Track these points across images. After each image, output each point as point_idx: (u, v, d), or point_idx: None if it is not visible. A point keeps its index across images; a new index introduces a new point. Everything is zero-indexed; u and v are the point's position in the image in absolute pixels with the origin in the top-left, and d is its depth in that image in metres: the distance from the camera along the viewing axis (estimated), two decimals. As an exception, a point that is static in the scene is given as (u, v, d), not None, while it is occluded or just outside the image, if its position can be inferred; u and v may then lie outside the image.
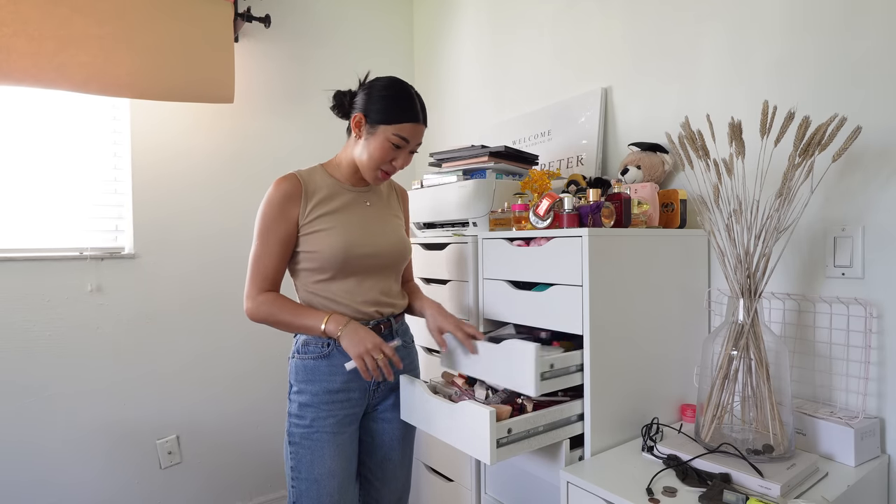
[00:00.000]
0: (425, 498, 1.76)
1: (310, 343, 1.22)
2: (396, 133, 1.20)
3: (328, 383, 1.21)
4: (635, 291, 1.25)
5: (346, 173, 1.29)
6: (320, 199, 1.23)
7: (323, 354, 1.21)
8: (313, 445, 1.20)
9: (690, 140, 1.16)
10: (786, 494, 0.96)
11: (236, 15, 1.97)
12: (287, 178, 1.22)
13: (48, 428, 1.77)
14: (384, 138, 1.21)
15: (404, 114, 1.21)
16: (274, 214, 1.20)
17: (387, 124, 1.20)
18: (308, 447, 1.20)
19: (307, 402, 1.21)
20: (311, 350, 1.22)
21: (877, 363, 1.15)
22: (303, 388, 1.22)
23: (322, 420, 1.21)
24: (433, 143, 2.50)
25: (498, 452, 1.08)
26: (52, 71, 1.62)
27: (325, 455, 1.20)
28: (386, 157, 1.22)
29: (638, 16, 1.60)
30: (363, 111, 1.22)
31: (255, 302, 1.19)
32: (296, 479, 1.21)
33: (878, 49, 1.13)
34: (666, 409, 1.33)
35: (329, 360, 1.21)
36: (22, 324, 1.73)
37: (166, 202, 1.98)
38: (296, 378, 1.23)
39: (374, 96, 1.22)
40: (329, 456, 1.20)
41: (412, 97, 1.23)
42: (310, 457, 1.20)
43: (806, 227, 1.24)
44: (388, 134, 1.20)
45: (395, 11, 2.56)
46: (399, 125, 1.20)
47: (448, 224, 1.68)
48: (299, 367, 1.23)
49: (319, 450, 1.20)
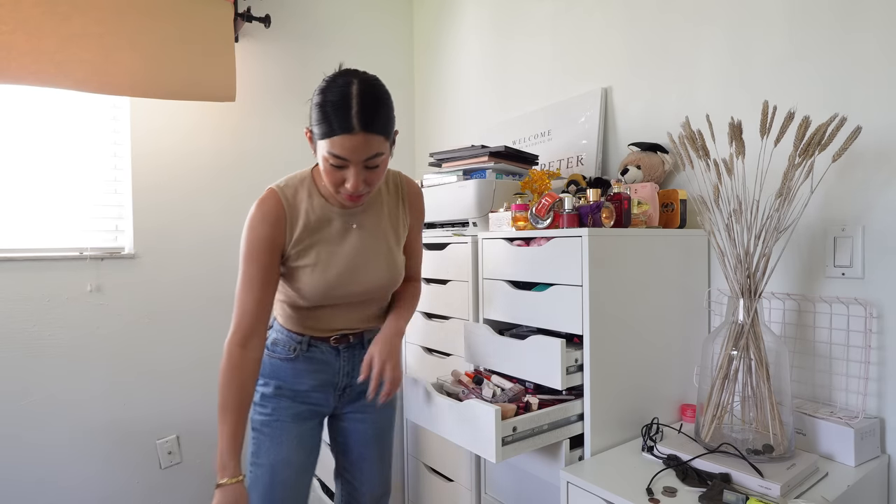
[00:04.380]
0: (425, 498, 1.76)
1: (278, 344, 1.20)
2: (327, 149, 1.00)
3: (292, 384, 1.20)
4: (635, 291, 1.25)
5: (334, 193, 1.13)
6: (305, 227, 1.11)
7: (289, 358, 1.19)
8: (273, 433, 1.18)
9: (690, 140, 1.16)
10: (786, 494, 0.96)
11: (236, 15, 1.97)
12: (269, 200, 1.09)
13: (48, 428, 1.77)
14: (322, 157, 1.02)
15: (332, 125, 0.98)
16: (258, 242, 1.08)
17: (321, 139, 1.00)
18: (268, 434, 1.18)
19: (271, 394, 1.19)
20: (279, 351, 1.20)
21: (877, 363, 1.15)
22: (268, 381, 1.20)
23: (284, 410, 1.19)
24: (433, 143, 2.50)
25: (503, 451, 1.08)
26: (52, 69, 1.62)
27: (283, 443, 1.18)
28: (332, 179, 1.04)
29: (638, 16, 1.60)
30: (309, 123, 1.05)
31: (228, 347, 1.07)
32: (253, 465, 1.19)
33: (879, 49, 1.13)
34: (666, 409, 1.33)
35: (293, 364, 1.19)
36: (22, 324, 1.73)
37: (166, 202, 1.98)
38: (262, 371, 1.19)
39: (311, 105, 1.03)
40: (287, 444, 1.18)
41: (345, 100, 0.97)
42: (269, 443, 1.18)
43: (806, 227, 1.24)
44: (324, 153, 1.01)
45: (395, 11, 2.56)
46: (329, 140, 0.99)
47: (448, 224, 1.68)
48: (266, 363, 1.20)
49: (278, 437, 1.18)
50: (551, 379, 1.17)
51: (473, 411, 1.12)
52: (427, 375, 1.68)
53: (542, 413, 1.15)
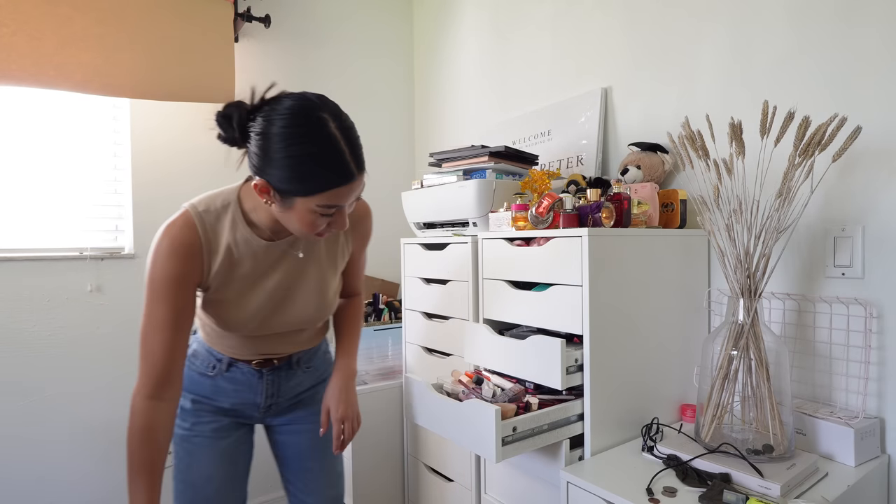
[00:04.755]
0: (425, 498, 1.76)
1: (198, 357, 1.11)
2: (322, 204, 0.88)
3: (212, 399, 1.13)
4: (635, 291, 1.25)
5: (264, 223, 0.98)
6: (225, 262, 0.97)
7: (208, 374, 1.11)
8: (192, 449, 1.11)
9: (690, 140, 1.17)
10: (786, 494, 0.96)
11: (236, 15, 1.97)
12: (184, 229, 0.93)
13: (48, 427, 1.78)
14: (306, 210, 0.88)
15: (328, 179, 0.86)
16: (169, 281, 0.91)
17: (308, 195, 0.86)
18: (187, 450, 1.11)
19: (189, 408, 1.12)
20: (198, 365, 1.11)
21: (877, 363, 1.15)
22: (185, 393, 1.12)
23: (203, 425, 1.12)
24: (433, 143, 2.50)
25: (503, 451, 1.09)
26: (52, 70, 1.63)
27: (202, 460, 1.11)
28: (316, 227, 0.91)
29: (638, 16, 1.60)
30: (267, 177, 0.86)
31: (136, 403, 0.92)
32: (175, 479, 1.13)
33: (879, 49, 1.13)
34: (666, 409, 1.33)
35: (213, 381, 1.11)
36: (22, 323, 1.73)
37: (166, 202, 1.98)
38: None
39: (277, 157, 0.84)
40: (207, 461, 1.11)
41: (333, 147, 0.85)
42: (188, 460, 1.11)
43: (806, 227, 1.24)
44: (311, 206, 0.88)
45: (395, 11, 2.56)
46: (322, 194, 0.87)
47: (448, 224, 1.68)
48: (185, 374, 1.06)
49: (197, 454, 1.11)
50: (551, 379, 1.17)
51: (473, 411, 1.12)
52: (427, 375, 1.68)
53: (542, 413, 1.15)
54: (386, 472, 1.87)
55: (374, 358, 2.00)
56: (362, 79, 2.46)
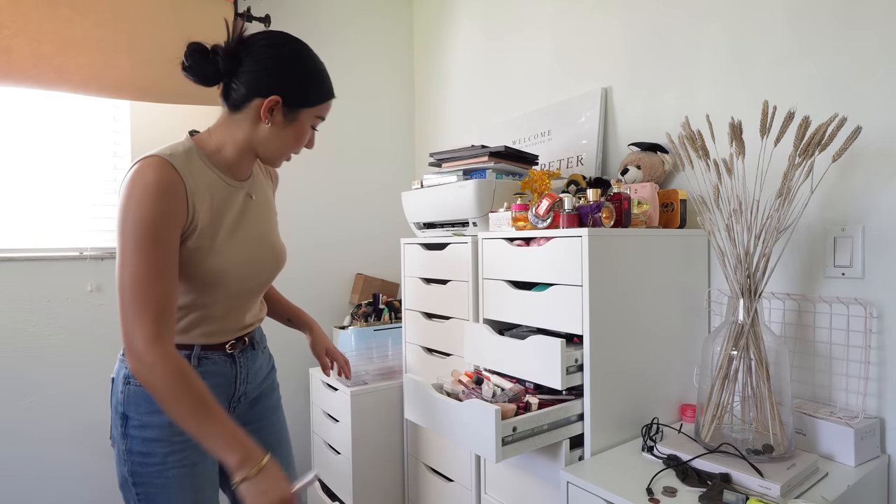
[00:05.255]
0: (425, 498, 1.76)
1: None
2: (319, 115, 1.03)
3: None
4: (635, 291, 1.25)
5: (231, 162, 1.01)
6: (204, 203, 0.95)
7: None
8: (169, 483, 0.97)
9: (690, 140, 1.17)
10: (786, 494, 0.96)
11: (236, 15, 1.97)
12: (162, 169, 0.90)
13: (49, 427, 1.78)
14: (306, 123, 1.01)
15: (326, 90, 1.02)
16: (162, 219, 0.88)
17: (310, 107, 1.00)
18: (162, 486, 0.97)
19: (155, 437, 0.96)
20: None
21: (877, 363, 1.15)
22: (147, 420, 0.97)
23: (177, 454, 0.98)
24: (433, 143, 2.50)
25: (503, 451, 1.09)
26: (52, 72, 1.63)
27: (184, 490, 0.98)
28: (304, 140, 1.04)
29: (638, 16, 1.60)
30: (279, 93, 0.95)
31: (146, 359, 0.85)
32: None
33: (879, 49, 1.14)
34: (666, 409, 1.33)
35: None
36: (22, 323, 1.74)
37: (166, 202, 1.98)
38: (136, 410, 0.97)
39: (287, 71, 0.97)
40: (189, 489, 0.99)
41: (323, 67, 1.04)
42: (166, 496, 0.97)
43: (806, 227, 1.24)
44: (311, 117, 1.02)
45: (394, 11, 2.56)
46: (322, 105, 1.02)
47: (448, 224, 1.68)
48: (140, 395, 0.96)
49: (177, 487, 0.98)
50: (551, 379, 1.17)
51: (473, 411, 1.12)
52: (427, 375, 1.68)
53: (542, 413, 1.15)
54: (386, 472, 1.87)
55: (374, 358, 2.00)
56: (363, 79, 2.46)
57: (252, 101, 0.96)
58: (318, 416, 2.03)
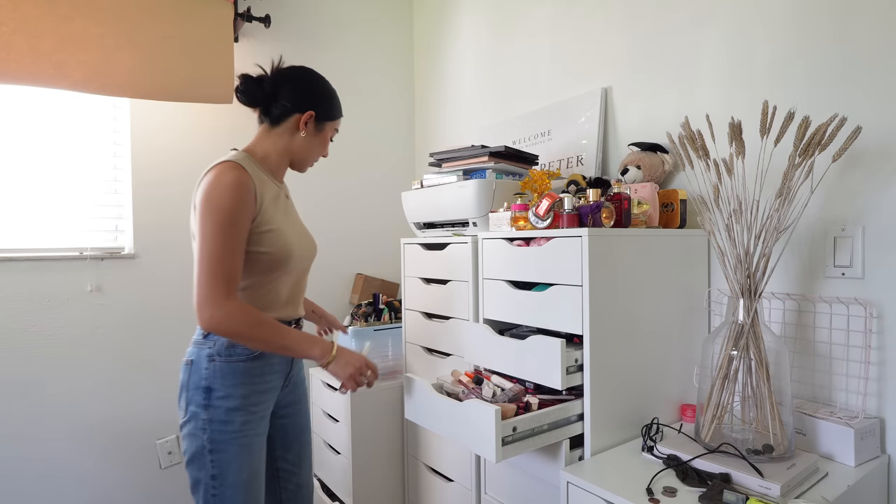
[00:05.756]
0: (425, 498, 1.76)
1: (237, 345, 1.15)
2: (336, 128, 1.33)
3: (258, 384, 1.18)
4: (635, 291, 1.25)
5: (273, 167, 1.25)
6: (265, 196, 1.18)
7: (254, 355, 1.17)
8: (241, 450, 1.14)
9: (690, 140, 1.17)
10: (786, 494, 0.96)
11: (236, 15, 1.97)
12: (238, 171, 1.12)
13: (48, 428, 1.78)
14: (328, 133, 1.31)
15: (340, 108, 1.33)
16: (239, 206, 1.10)
17: (332, 121, 1.30)
18: (236, 452, 1.14)
19: (236, 407, 1.15)
20: (240, 351, 1.16)
21: (877, 363, 1.15)
22: (230, 392, 1.15)
23: (252, 423, 1.17)
24: (433, 143, 2.50)
25: (503, 451, 1.08)
26: (52, 69, 1.63)
27: (253, 457, 1.16)
28: (325, 150, 1.33)
29: (638, 16, 1.60)
30: (314, 108, 1.24)
31: (223, 311, 1.08)
32: (218, 488, 1.13)
33: (878, 49, 1.13)
34: (666, 409, 1.33)
35: (262, 360, 1.19)
36: (22, 323, 1.74)
37: (166, 202, 1.98)
38: (221, 382, 1.14)
39: (318, 93, 1.26)
40: (257, 457, 1.17)
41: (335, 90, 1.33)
42: (238, 462, 1.14)
43: (806, 227, 1.24)
44: (332, 129, 1.31)
45: (395, 11, 2.56)
46: (338, 119, 1.32)
47: (448, 224, 1.68)
48: (225, 370, 1.15)
49: (248, 453, 1.15)
50: (551, 379, 1.17)
51: (473, 411, 1.12)
52: (427, 375, 1.68)
53: (542, 413, 1.15)
54: (386, 472, 1.87)
55: (374, 358, 2.00)
56: (363, 79, 2.46)
57: (291, 117, 1.24)
58: (318, 416, 2.03)
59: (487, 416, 1.08)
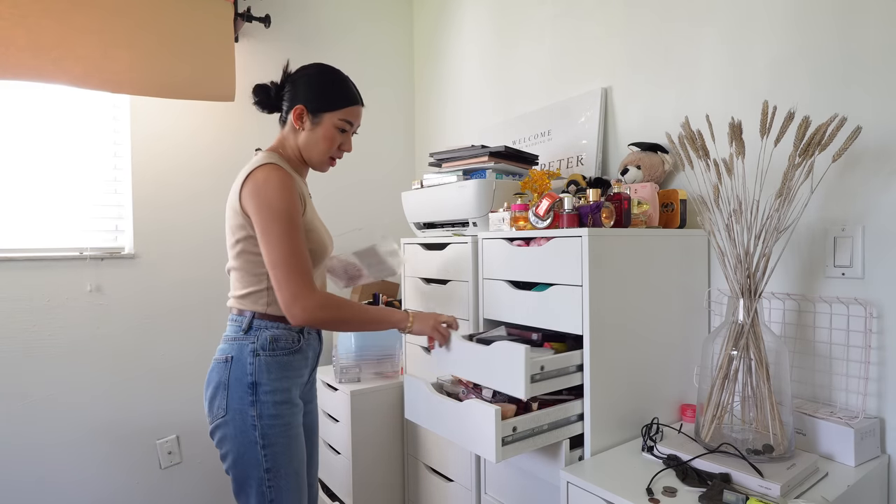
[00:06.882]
0: (425, 498, 1.76)
1: (279, 339, 1.18)
2: (342, 118, 1.25)
3: (296, 378, 1.22)
4: (635, 291, 1.25)
5: (295, 166, 1.28)
6: (304, 194, 1.23)
7: (296, 349, 1.21)
8: (290, 442, 1.18)
9: (690, 140, 1.16)
10: (786, 494, 0.96)
11: (236, 15, 1.97)
12: (279, 169, 1.16)
13: (48, 428, 1.78)
14: (330, 125, 1.24)
15: (346, 98, 1.26)
16: (294, 205, 1.14)
17: (331, 111, 1.24)
18: (285, 444, 1.17)
19: (283, 400, 1.18)
20: (283, 346, 1.19)
21: (877, 363, 1.15)
22: (277, 385, 1.17)
23: (297, 414, 1.21)
24: (433, 143, 2.50)
25: (503, 451, 1.08)
26: (51, 64, 1.62)
27: (300, 445, 1.21)
28: (334, 144, 1.27)
29: (638, 16, 1.60)
30: (303, 102, 1.23)
31: (314, 301, 1.11)
32: (273, 479, 1.16)
33: (878, 49, 1.13)
34: (666, 409, 1.33)
35: (302, 354, 1.23)
36: (22, 324, 1.73)
37: (166, 202, 1.98)
38: (268, 377, 1.16)
39: (311, 85, 1.24)
40: (302, 446, 1.22)
41: (347, 80, 1.29)
42: (288, 453, 1.18)
43: (806, 227, 1.24)
44: (334, 120, 1.25)
45: (395, 12, 2.56)
46: (343, 110, 1.25)
47: (448, 224, 1.68)
48: (271, 364, 1.17)
49: (296, 443, 1.19)
50: (515, 388, 1.10)
51: (473, 411, 1.12)
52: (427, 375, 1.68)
53: (542, 413, 1.15)
54: (386, 472, 1.87)
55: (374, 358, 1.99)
56: (363, 79, 2.43)
57: (290, 115, 1.24)
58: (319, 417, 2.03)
59: (487, 417, 1.08)
